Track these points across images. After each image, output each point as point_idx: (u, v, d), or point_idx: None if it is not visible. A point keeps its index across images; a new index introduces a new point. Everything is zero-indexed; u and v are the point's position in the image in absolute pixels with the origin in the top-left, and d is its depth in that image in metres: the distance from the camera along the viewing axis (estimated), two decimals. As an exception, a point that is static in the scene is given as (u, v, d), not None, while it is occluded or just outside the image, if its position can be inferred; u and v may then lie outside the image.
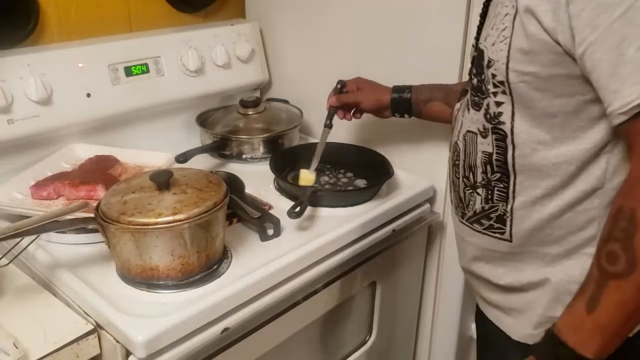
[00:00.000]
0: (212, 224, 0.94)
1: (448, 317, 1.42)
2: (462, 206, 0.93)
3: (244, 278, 0.96)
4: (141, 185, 0.95)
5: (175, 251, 0.91)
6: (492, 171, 0.86)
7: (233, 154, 1.40)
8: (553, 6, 0.71)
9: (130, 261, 0.92)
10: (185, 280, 0.94)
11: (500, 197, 0.86)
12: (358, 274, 1.16)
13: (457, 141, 0.92)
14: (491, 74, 0.81)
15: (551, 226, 0.84)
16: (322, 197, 1.18)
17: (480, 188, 0.88)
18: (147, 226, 0.88)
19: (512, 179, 0.84)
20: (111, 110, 1.32)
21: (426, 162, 1.32)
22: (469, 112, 0.88)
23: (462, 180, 0.91)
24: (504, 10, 0.79)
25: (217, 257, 0.98)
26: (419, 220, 1.28)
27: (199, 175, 1.00)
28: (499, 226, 0.88)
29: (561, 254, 0.84)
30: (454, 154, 0.93)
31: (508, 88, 0.80)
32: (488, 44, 0.82)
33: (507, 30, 0.78)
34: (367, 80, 1.24)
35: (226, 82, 1.51)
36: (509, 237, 0.87)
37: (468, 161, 0.89)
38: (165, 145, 1.35)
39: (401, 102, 1.17)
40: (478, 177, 0.88)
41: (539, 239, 0.85)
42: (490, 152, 0.85)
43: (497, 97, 0.82)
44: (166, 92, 1.40)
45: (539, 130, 0.80)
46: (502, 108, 0.82)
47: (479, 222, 0.90)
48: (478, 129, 0.86)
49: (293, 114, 1.49)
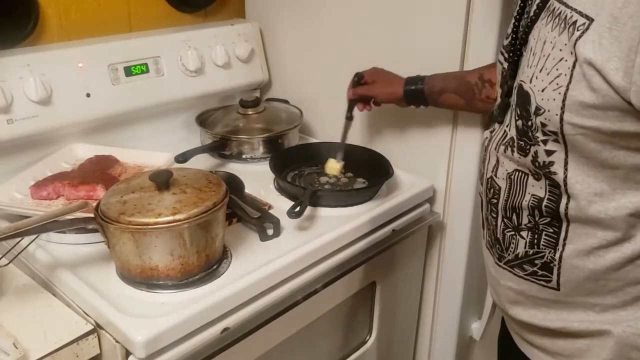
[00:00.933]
0: (212, 224, 0.94)
1: (448, 317, 1.42)
2: (499, 248, 0.87)
3: (244, 278, 0.96)
4: (141, 185, 0.95)
5: (175, 251, 0.91)
6: (540, 215, 0.80)
7: (233, 154, 1.40)
8: (626, 65, 0.65)
9: (129, 261, 0.92)
10: (185, 280, 0.94)
11: (549, 242, 0.80)
12: (358, 274, 1.16)
13: (494, 178, 0.86)
14: (540, 123, 0.75)
15: (607, 277, 0.78)
16: (322, 197, 1.18)
17: (525, 231, 0.82)
18: (147, 226, 0.88)
19: (565, 226, 0.78)
20: (111, 110, 1.32)
21: (426, 162, 1.32)
22: (513, 154, 0.81)
23: (503, 220, 0.85)
24: (558, 54, 0.71)
25: (216, 257, 0.98)
26: (419, 220, 1.28)
27: (198, 175, 1.00)
28: (544, 273, 0.82)
29: (617, 305, 0.79)
30: (490, 190, 0.87)
31: (562, 138, 0.73)
32: (536, 89, 0.74)
33: (562, 79, 0.71)
34: (382, 71, 1.23)
35: (226, 82, 1.51)
36: (556, 286, 0.81)
37: (512, 202, 0.83)
38: (165, 145, 1.35)
39: (415, 94, 1.17)
40: (524, 219, 0.81)
41: (590, 289, 0.80)
42: (542, 197, 0.79)
43: (548, 146, 0.75)
44: (166, 92, 1.40)
45: (597, 181, 0.74)
46: (554, 157, 0.75)
47: (520, 267, 0.84)
48: (529, 170, 0.79)
49: (293, 114, 1.49)
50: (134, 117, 1.37)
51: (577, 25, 0.69)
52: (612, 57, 0.66)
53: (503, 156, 0.84)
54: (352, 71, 1.26)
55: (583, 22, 0.68)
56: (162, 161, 1.26)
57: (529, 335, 0.90)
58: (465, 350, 1.47)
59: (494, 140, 0.86)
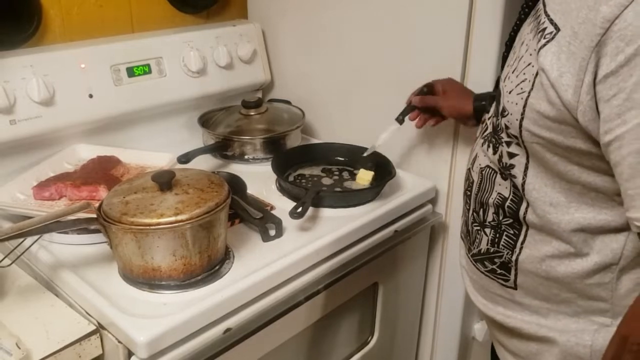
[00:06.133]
0: (214, 225, 0.93)
1: (450, 318, 1.41)
2: (469, 239, 0.88)
3: (246, 278, 0.96)
4: (143, 186, 0.95)
5: (177, 252, 0.91)
6: (504, 215, 0.80)
7: (235, 155, 1.40)
8: (576, 83, 0.64)
9: (132, 261, 0.92)
10: (187, 280, 0.94)
11: (508, 244, 0.81)
12: (360, 275, 1.15)
13: (470, 170, 0.86)
14: (504, 124, 0.75)
15: (559, 287, 0.79)
16: (324, 198, 1.18)
17: (489, 228, 0.83)
18: (149, 226, 0.88)
19: (524, 230, 0.79)
20: (113, 110, 1.32)
21: (428, 163, 1.32)
22: (488, 149, 0.81)
23: (472, 214, 0.86)
24: (528, 59, 0.71)
25: (219, 257, 0.98)
26: (422, 221, 1.28)
27: (200, 175, 1.00)
28: (502, 272, 0.83)
29: (568, 314, 0.80)
30: (466, 182, 0.88)
31: (522, 143, 0.73)
32: (506, 89, 0.74)
33: (526, 84, 0.70)
34: (456, 84, 1.16)
35: (228, 82, 1.51)
36: (513, 285, 0.82)
37: (480, 197, 0.83)
38: (167, 146, 1.35)
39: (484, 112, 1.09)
40: (489, 217, 0.82)
41: (544, 295, 0.80)
42: (506, 197, 0.79)
43: (511, 148, 0.76)
44: (168, 93, 1.40)
45: (554, 191, 0.74)
46: (515, 160, 0.76)
47: (482, 263, 0.86)
48: (498, 168, 0.80)
49: (295, 115, 1.49)
50: (136, 118, 1.38)
51: (545, 33, 0.68)
52: (566, 72, 0.65)
53: (480, 149, 0.84)
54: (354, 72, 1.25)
55: (551, 30, 0.67)
56: (164, 162, 1.26)
57: (495, 332, 0.91)
58: (468, 352, 1.47)
59: (480, 132, 0.86)
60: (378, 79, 1.34)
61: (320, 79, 1.50)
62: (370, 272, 1.20)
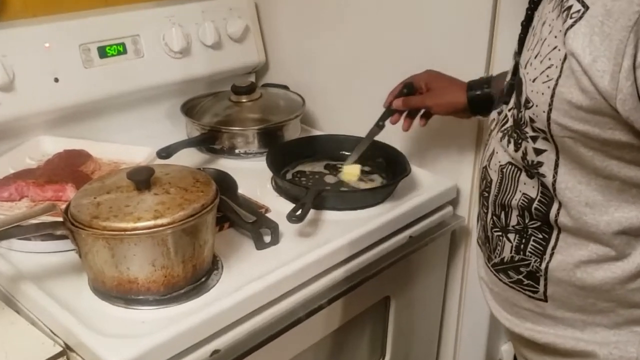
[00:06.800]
0: (200, 230, 0.94)
1: (474, 338, 1.41)
2: (488, 247, 0.88)
3: (237, 292, 0.96)
4: (117, 185, 0.95)
5: (157, 261, 0.91)
6: (530, 217, 0.80)
7: (224, 149, 1.40)
8: (613, 68, 0.64)
9: (104, 272, 0.92)
10: (169, 294, 0.94)
11: (536, 250, 0.81)
12: (369, 288, 1.16)
13: (487, 168, 0.86)
14: (529, 117, 0.74)
15: (597, 296, 0.79)
16: (327, 199, 1.18)
17: (512, 233, 0.83)
18: (124, 232, 0.88)
19: (555, 234, 0.79)
20: (82, 97, 1.32)
21: (449, 158, 1.32)
22: (509, 145, 0.81)
23: (492, 217, 0.86)
24: (553, 41, 0.71)
25: (205, 267, 0.98)
26: (440, 225, 1.28)
27: (184, 172, 1.00)
28: (530, 283, 0.83)
29: (606, 326, 0.80)
30: (482, 181, 0.88)
31: (551, 137, 0.73)
32: (528, 77, 0.74)
33: (553, 71, 0.70)
34: (440, 77, 1.17)
35: (216, 64, 1.51)
36: (543, 297, 0.83)
37: (502, 198, 0.83)
38: (145, 139, 1.35)
39: (481, 101, 1.10)
40: (512, 220, 0.82)
41: (579, 306, 0.81)
42: (533, 198, 0.79)
43: (537, 144, 0.75)
44: (146, 77, 1.40)
45: (590, 189, 0.74)
46: (543, 157, 0.76)
47: (505, 273, 0.86)
48: (522, 166, 0.79)
49: (293, 102, 1.49)
50: (109, 106, 1.38)
51: (571, 12, 0.68)
52: (601, 57, 0.64)
53: (499, 145, 0.84)
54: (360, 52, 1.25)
55: (578, 8, 0.67)
56: (141, 157, 1.26)
57: (523, 350, 0.92)
58: (494, 377, 1.47)
59: (498, 124, 0.86)
60: (389, 61, 1.34)
61: (322, 60, 1.50)
62: (381, 284, 1.20)
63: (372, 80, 1.39)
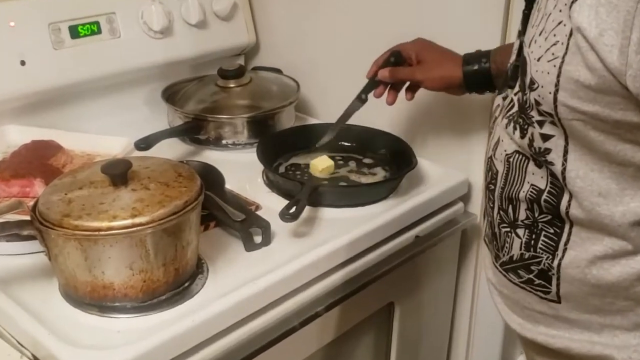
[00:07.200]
0: (183, 229, 0.94)
1: (487, 348, 1.42)
2: (496, 245, 0.89)
3: (224, 298, 0.96)
4: (90, 180, 0.95)
5: (135, 264, 0.91)
6: (540, 211, 0.81)
7: (210, 139, 1.40)
8: (621, 42, 0.64)
9: (76, 277, 0.92)
10: (148, 301, 0.94)
11: (547, 246, 0.82)
12: (371, 293, 1.16)
13: (492, 158, 0.87)
14: (534, 100, 0.75)
15: (614, 295, 0.80)
16: (324, 195, 1.18)
17: (522, 229, 0.84)
18: (99, 232, 0.87)
19: (567, 228, 0.80)
20: (52, 82, 1.32)
21: (459, 148, 1.32)
22: (515, 132, 0.82)
23: (498, 212, 0.87)
24: (558, 16, 0.71)
25: (188, 271, 0.98)
26: (450, 223, 1.28)
27: (165, 166, 1.00)
28: (541, 283, 0.84)
29: (626, 327, 0.81)
30: (488, 173, 0.89)
31: (558, 121, 0.74)
32: (533, 56, 0.75)
33: (558, 48, 0.71)
34: (431, 46, 1.17)
35: (200, 45, 1.51)
36: (556, 298, 0.83)
37: (509, 191, 0.84)
38: (122, 128, 1.35)
39: (478, 77, 1.12)
40: (521, 214, 0.83)
41: (596, 307, 0.81)
42: (542, 189, 0.80)
43: (544, 129, 0.76)
44: (123, 59, 1.40)
45: (603, 177, 0.75)
46: (551, 144, 0.76)
47: (515, 272, 0.86)
48: (530, 154, 0.80)
49: (287, 87, 1.49)
50: (82, 92, 1.37)
51: None
52: (608, 30, 0.65)
53: (504, 132, 0.85)
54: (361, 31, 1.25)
55: None
56: (118, 148, 1.26)
57: (535, 357, 0.93)
58: (509, 391, 1.48)
59: (503, 110, 0.86)
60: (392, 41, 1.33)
61: (319, 40, 1.49)
62: (384, 289, 1.20)
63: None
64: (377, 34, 1.36)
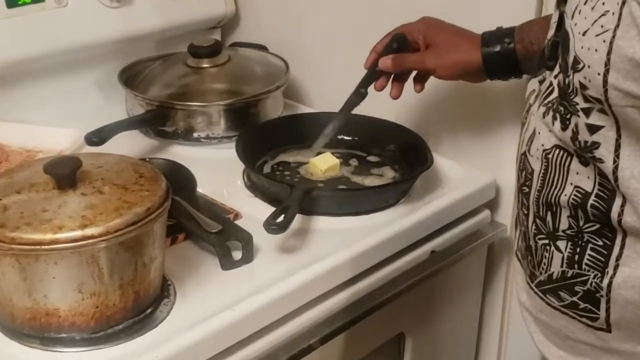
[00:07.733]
0: (144, 243, 0.94)
1: (519, 389, 1.42)
2: (531, 261, 0.90)
3: (195, 328, 0.96)
4: (31, 182, 0.95)
5: (85, 286, 0.90)
6: (585, 218, 0.81)
7: (178, 131, 1.40)
8: None
9: (13, 302, 0.91)
10: (102, 331, 0.94)
11: (595, 262, 0.82)
12: (377, 322, 1.16)
13: (527, 155, 0.88)
14: (579, 83, 0.76)
15: None
16: (319, 200, 1.18)
17: (563, 240, 0.84)
18: (40, 246, 0.87)
19: (620, 239, 0.80)
20: (-16, 61, 1.32)
21: (485, 147, 1.33)
22: (554, 122, 0.82)
23: (534, 221, 0.88)
24: None
25: (151, 294, 0.98)
26: (474, 236, 1.29)
27: (122, 165, 1.00)
28: (587, 307, 0.84)
29: None
30: (522, 172, 0.89)
31: (609, 109, 0.74)
32: (577, 30, 0.75)
33: (609, 19, 0.70)
34: (441, 25, 1.18)
35: (167, 16, 1.51)
36: (604, 326, 0.84)
37: (547, 194, 0.84)
38: (70, 118, 1.36)
39: (501, 60, 1.12)
40: (562, 223, 0.84)
41: None
42: (588, 192, 0.80)
43: (591, 119, 0.77)
44: (71, 33, 1.40)
45: None
46: (599, 136, 0.76)
47: (555, 295, 0.87)
48: (574, 149, 0.81)
49: (273, 68, 1.49)
50: (21, 73, 1.38)
51: None
52: None
53: (541, 123, 0.85)
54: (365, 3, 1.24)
55: None
56: (65, 143, 1.27)
57: None
58: None
59: (540, 96, 0.87)
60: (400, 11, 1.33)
61: (313, 11, 1.49)
62: (392, 317, 1.20)
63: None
64: (380, 6, 1.37)
